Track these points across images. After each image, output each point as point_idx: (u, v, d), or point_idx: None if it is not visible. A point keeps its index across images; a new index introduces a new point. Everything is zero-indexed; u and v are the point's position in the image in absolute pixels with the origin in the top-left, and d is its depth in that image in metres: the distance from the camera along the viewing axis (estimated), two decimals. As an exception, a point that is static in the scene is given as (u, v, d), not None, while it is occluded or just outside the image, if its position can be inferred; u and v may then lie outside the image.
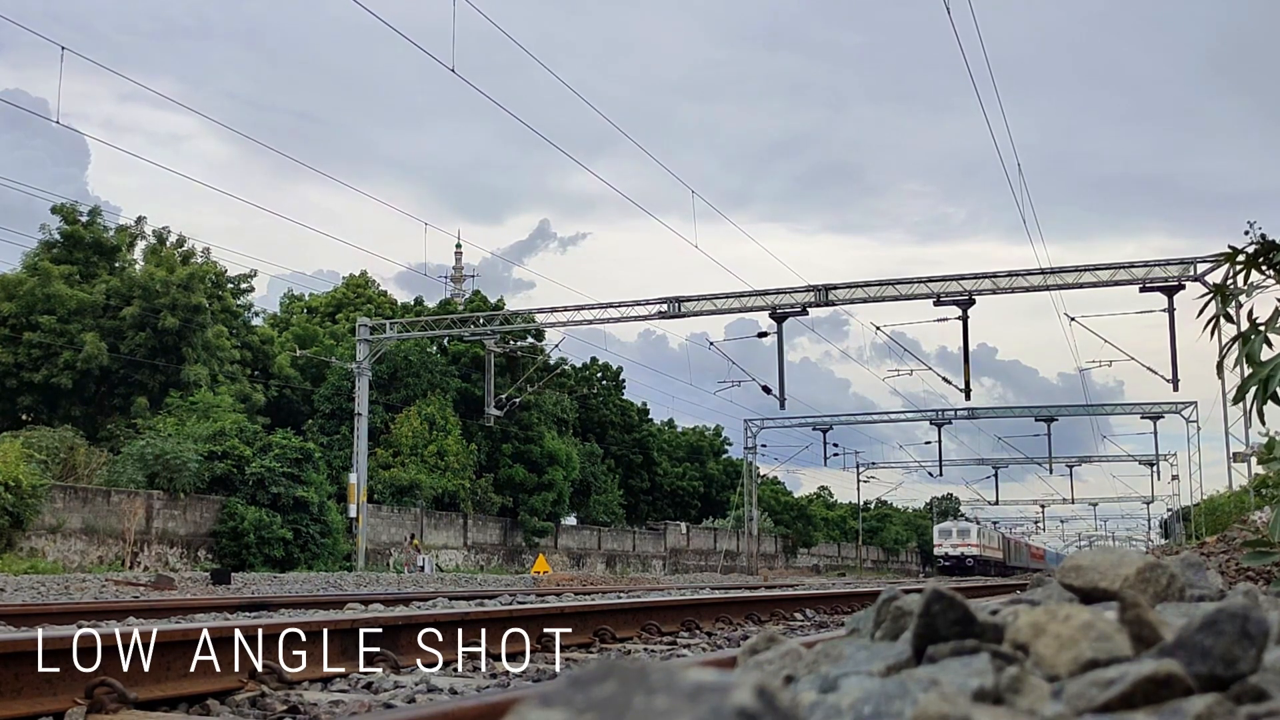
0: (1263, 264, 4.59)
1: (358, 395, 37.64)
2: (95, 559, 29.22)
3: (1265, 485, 21.89)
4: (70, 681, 4.16)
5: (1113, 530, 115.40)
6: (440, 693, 4.83)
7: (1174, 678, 1.39)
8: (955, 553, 76.59)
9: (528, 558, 48.14)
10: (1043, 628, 1.65)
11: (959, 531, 78.60)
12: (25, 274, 38.73)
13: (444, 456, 45.40)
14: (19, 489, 25.87)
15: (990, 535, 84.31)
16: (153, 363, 38.17)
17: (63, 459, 30.83)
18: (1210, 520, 43.27)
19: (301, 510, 33.84)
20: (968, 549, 76.80)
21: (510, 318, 40.53)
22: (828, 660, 1.88)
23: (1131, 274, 30.67)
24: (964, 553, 76.32)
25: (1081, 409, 57.04)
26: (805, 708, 1.39)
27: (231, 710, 4.51)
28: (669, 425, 72.42)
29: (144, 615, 9.58)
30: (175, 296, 38.21)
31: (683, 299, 34.41)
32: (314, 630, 5.38)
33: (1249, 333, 4.29)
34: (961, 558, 76.23)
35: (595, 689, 1.01)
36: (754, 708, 0.99)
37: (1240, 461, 39.61)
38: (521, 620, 7.16)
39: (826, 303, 33.07)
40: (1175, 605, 2.11)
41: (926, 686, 1.35)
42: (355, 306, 53.38)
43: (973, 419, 58.43)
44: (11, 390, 37.81)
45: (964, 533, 78.39)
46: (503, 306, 49.00)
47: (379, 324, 40.31)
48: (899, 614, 2.07)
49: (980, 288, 31.58)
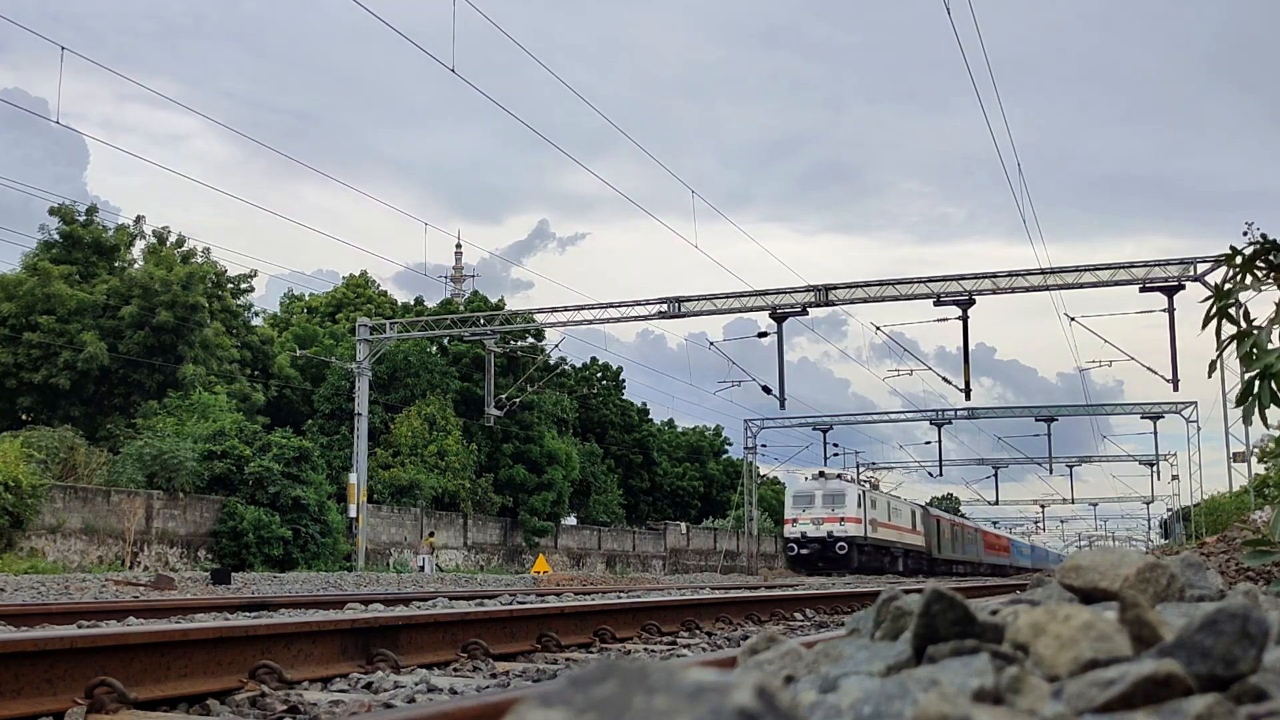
0: (1261, 264, 4.59)
1: (358, 395, 37.63)
2: (95, 559, 29.22)
3: (1266, 485, 22.05)
4: (70, 681, 4.16)
5: (1113, 530, 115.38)
6: (440, 693, 4.83)
7: (1174, 678, 1.39)
8: (818, 533, 49.41)
9: (528, 558, 48.14)
10: (1043, 628, 1.65)
11: (825, 498, 50.05)
12: (25, 274, 38.74)
13: (444, 456, 45.41)
14: (19, 489, 25.87)
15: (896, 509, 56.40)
16: (151, 362, 38.16)
17: (62, 459, 30.83)
18: (1210, 520, 43.31)
19: (300, 510, 33.84)
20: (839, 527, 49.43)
21: (510, 318, 40.52)
22: (828, 660, 1.88)
23: (1131, 274, 30.67)
24: (833, 533, 49.14)
25: (1081, 409, 57.05)
26: (805, 708, 1.39)
27: (231, 710, 4.51)
28: (669, 425, 72.42)
29: (144, 615, 9.58)
30: (174, 295, 38.25)
31: (682, 299, 34.41)
32: (314, 630, 5.38)
33: (1246, 332, 4.30)
34: (829, 542, 49.20)
35: (595, 689, 1.01)
36: (754, 708, 0.99)
37: (1240, 461, 39.66)
38: (522, 620, 7.16)
39: (826, 303, 33.07)
40: (1175, 605, 2.11)
41: (926, 686, 1.35)
42: (355, 306, 53.40)
43: (973, 419, 58.42)
44: (11, 390, 37.82)
45: (834, 500, 49.82)
46: (503, 306, 49.01)
47: (379, 324, 40.31)
48: (899, 614, 2.07)
49: (980, 288, 31.58)
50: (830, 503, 49.84)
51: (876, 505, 52.35)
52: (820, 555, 49.47)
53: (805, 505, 50.74)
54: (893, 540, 54.14)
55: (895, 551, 54.76)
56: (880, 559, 52.38)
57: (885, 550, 53.11)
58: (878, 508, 52.47)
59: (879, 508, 52.67)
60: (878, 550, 52.09)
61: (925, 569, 59.16)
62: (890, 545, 53.70)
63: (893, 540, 54.14)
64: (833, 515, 49.56)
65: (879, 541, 51.82)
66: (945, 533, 64.86)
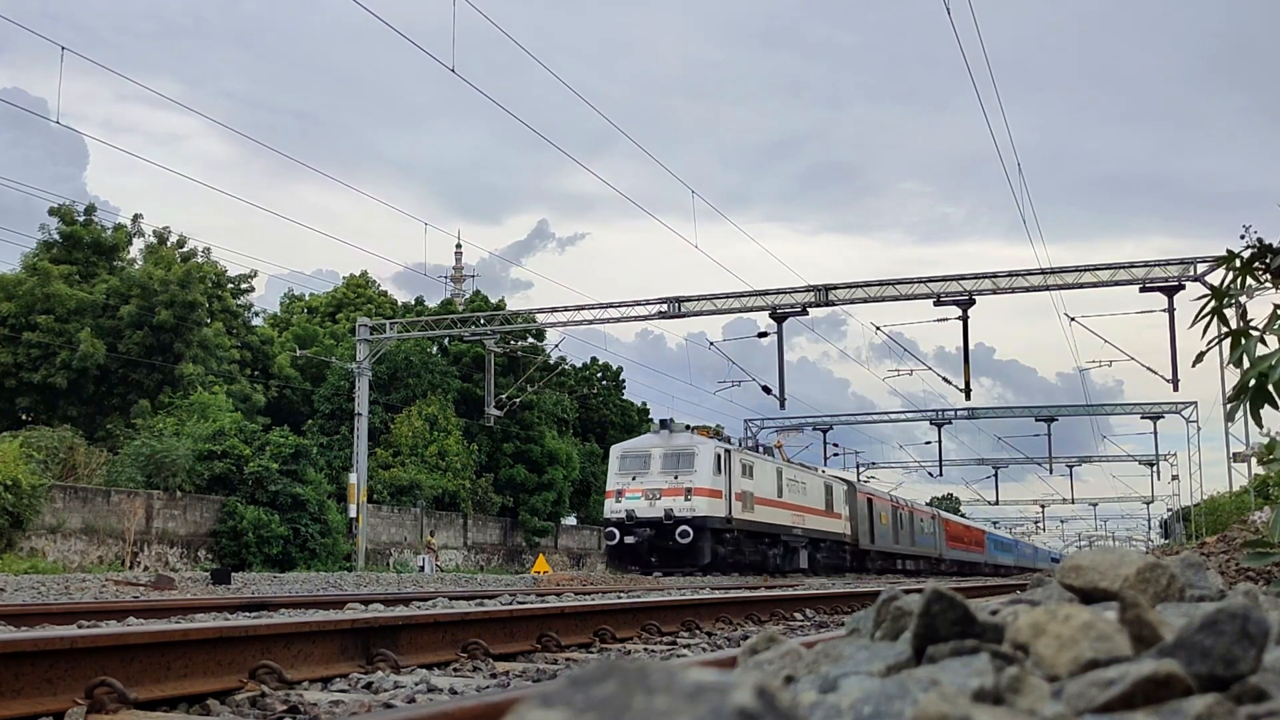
0: (1258, 267, 4.60)
1: (358, 395, 37.64)
2: (95, 559, 29.23)
3: (1266, 485, 21.99)
4: (70, 681, 4.16)
5: (1113, 530, 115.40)
6: (440, 693, 4.83)
7: (1174, 678, 1.39)
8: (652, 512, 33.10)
9: (528, 558, 48.15)
10: (1043, 628, 1.65)
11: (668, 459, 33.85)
12: (24, 274, 38.75)
13: (444, 456, 45.42)
14: (19, 489, 25.89)
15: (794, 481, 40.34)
16: (149, 361, 38.18)
17: (62, 459, 30.85)
18: (1210, 520, 43.31)
19: (300, 509, 33.86)
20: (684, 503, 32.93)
21: (510, 318, 40.53)
22: (828, 660, 1.88)
23: (1131, 274, 30.68)
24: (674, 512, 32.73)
25: (1081, 409, 57.06)
26: (805, 708, 1.39)
27: (231, 710, 4.51)
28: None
29: (144, 615, 9.58)
30: (173, 294, 38.28)
31: (682, 299, 34.41)
32: (314, 630, 5.38)
33: (1241, 334, 4.30)
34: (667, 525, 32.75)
35: (595, 689, 1.01)
36: (754, 708, 0.99)
37: (1240, 461, 39.66)
38: (522, 620, 7.16)
39: (826, 303, 33.07)
40: (1175, 605, 2.11)
41: (926, 686, 1.35)
42: (355, 306, 53.40)
43: (973, 419, 58.44)
44: (10, 390, 37.84)
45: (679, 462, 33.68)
46: (503, 307, 49.03)
47: (379, 324, 40.32)
48: (899, 614, 2.07)
49: (980, 288, 31.58)
50: (673, 466, 33.29)
51: (755, 473, 36.38)
52: (653, 546, 32.60)
53: (637, 470, 33.80)
54: (785, 525, 38.29)
55: (792, 541, 38.96)
56: (761, 551, 36.50)
57: (770, 539, 37.26)
58: (756, 477, 36.36)
59: (758, 477, 36.60)
60: (754, 539, 35.88)
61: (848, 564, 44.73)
62: (780, 532, 37.87)
63: (785, 525, 38.29)
64: (676, 485, 32.89)
65: (757, 526, 35.89)
66: (882, 518, 49.73)
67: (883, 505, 51.07)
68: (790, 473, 40.72)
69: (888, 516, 51.20)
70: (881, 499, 51.72)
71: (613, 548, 34.40)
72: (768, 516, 37.26)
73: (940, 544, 60.39)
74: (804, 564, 40.25)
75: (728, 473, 34.52)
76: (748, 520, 35.48)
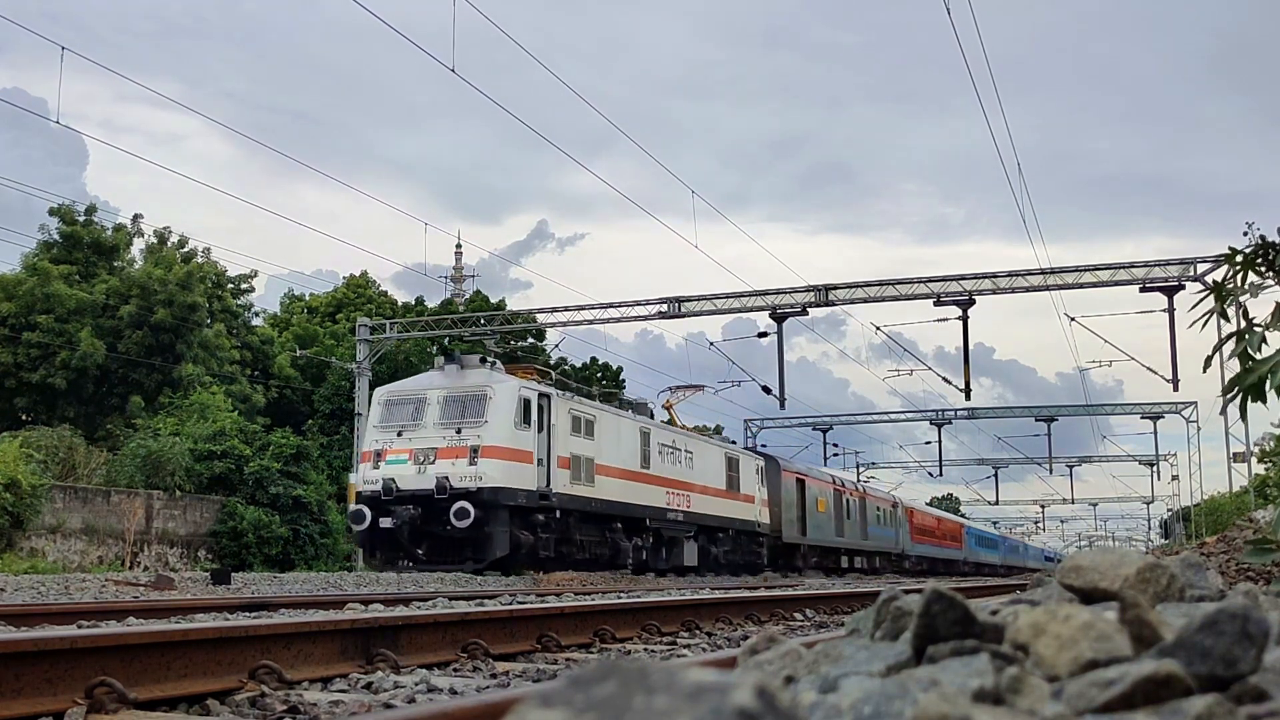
0: (1260, 265, 4.60)
1: (358, 395, 37.63)
2: (95, 559, 29.23)
3: (1266, 485, 22.19)
4: (70, 681, 4.16)
5: (1113, 530, 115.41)
6: (440, 693, 4.83)
7: (1174, 678, 1.39)
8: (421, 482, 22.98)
9: (528, 558, 47.98)
10: (1043, 628, 1.65)
11: (448, 405, 23.68)
12: (24, 274, 38.77)
13: (444, 456, 45.38)
14: (19, 489, 25.89)
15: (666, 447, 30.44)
16: (149, 361, 38.18)
17: (62, 459, 30.85)
18: (1210, 520, 43.35)
19: (300, 510, 33.87)
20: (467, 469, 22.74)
21: (511, 318, 40.54)
22: (828, 660, 1.88)
23: (1131, 274, 30.67)
24: (448, 482, 22.59)
25: (1081, 409, 57.04)
26: (805, 708, 1.39)
27: (231, 710, 4.51)
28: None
29: (144, 615, 9.58)
30: (172, 294, 38.29)
31: (682, 299, 34.40)
32: (314, 630, 5.39)
33: (1244, 331, 4.30)
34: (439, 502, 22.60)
35: (595, 689, 1.01)
36: (754, 708, 0.99)
37: (1240, 461, 39.67)
38: (522, 620, 7.16)
39: (826, 303, 33.06)
40: (1175, 605, 2.11)
41: (926, 687, 1.35)
42: (355, 306, 53.35)
43: (973, 419, 58.41)
44: (10, 390, 37.85)
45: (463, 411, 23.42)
46: (503, 307, 49.01)
47: (379, 324, 40.33)
48: (899, 614, 2.07)
49: (980, 288, 31.58)
50: (457, 415, 23.68)
51: (598, 431, 26.88)
52: (420, 532, 23.22)
53: (405, 422, 24.08)
54: (653, 506, 28.72)
55: (667, 529, 29.56)
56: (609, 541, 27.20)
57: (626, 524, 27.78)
58: (599, 437, 26.88)
59: (602, 437, 27.04)
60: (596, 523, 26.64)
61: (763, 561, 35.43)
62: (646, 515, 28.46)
63: (653, 506, 28.72)
64: (458, 444, 23.21)
65: (599, 505, 26.52)
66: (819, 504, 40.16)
67: (820, 488, 41.11)
68: (664, 436, 30.65)
69: (827, 502, 41.13)
70: (819, 481, 41.84)
71: (364, 534, 23.97)
72: (619, 494, 27.19)
73: (903, 538, 51.69)
74: (690, 560, 30.63)
75: (546, 428, 24.56)
76: (581, 496, 25.72)
